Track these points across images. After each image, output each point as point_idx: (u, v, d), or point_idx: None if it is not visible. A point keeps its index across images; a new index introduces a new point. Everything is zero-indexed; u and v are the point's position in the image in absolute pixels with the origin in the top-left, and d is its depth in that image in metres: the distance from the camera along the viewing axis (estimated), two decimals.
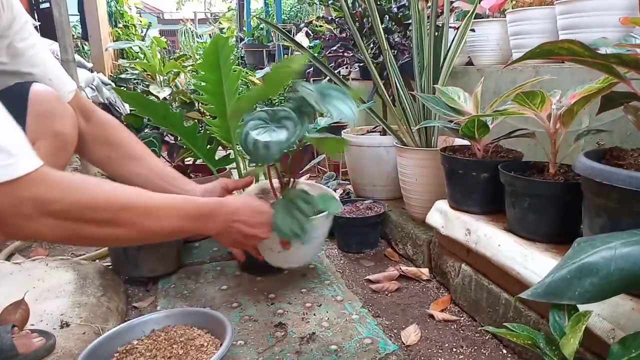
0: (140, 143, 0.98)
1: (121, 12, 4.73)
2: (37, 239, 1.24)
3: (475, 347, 0.93)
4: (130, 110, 1.35)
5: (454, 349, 0.93)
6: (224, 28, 7.01)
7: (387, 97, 1.46)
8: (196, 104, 1.56)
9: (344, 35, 1.65)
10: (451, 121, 1.11)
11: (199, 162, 1.56)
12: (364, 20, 1.58)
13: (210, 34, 7.04)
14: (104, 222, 0.61)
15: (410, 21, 1.45)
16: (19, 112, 0.79)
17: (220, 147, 1.47)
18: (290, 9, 5.74)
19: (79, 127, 0.89)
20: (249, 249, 0.84)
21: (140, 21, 5.35)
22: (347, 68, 1.88)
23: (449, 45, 1.39)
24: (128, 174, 0.94)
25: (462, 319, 1.04)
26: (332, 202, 0.83)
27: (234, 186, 0.98)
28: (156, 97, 1.56)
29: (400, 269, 1.26)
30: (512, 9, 1.46)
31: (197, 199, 0.73)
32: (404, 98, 1.40)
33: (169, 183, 0.94)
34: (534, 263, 0.82)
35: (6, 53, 0.79)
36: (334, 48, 1.68)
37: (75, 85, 0.90)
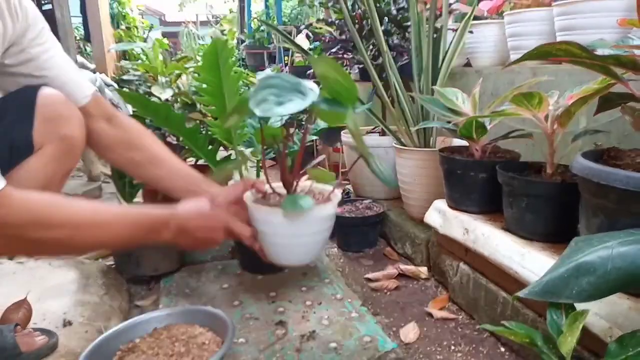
0: (163, 145, 1.00)
1: (123, 14, 4.73)
2: None
3: (474, 345, 0.94)
4: (133, 112, 1.36)
5: (452, 347, 0.93)
6: (225, 30, 7.02)
7: (386, 98, 1.47)
8: (198, 105, 1.57)
9: (343, 37, 1.66)
10: (449, 122, 1.12)
11: (200, 162, 1.57)
12: (364, 23, 1.59)
13: (211, 36, 7.05)
14: (62, 239, 0.65)
15: (409, 23, 1.46)
16: (27, 115, 0.80)
17: (221, 148, 1.48)
18: (291, 11, 5.75)
19: (101, 130, 0.91)
20: (205, 249, 0.86)
21: (143, 23, 5.36)
22: (347, 69, 1.89)
23: (447, 46, 1.40)
24: (153, 177, 0.96)
25: (461, 317, 1.05)
26: (303, 199, 0.84)
27: (255, 187, 0.99)
28: (158, 98, 1.57)
29: (399, 267, 1.26)
30: (510, 10, 1.47)
31: (150, 211, 0.76)
32: (402, 99, 1.41)
33: (193, 184, 0.96)
34: (531, 262, 0.83)
35: (19, 58, 0.80)
36: (334, 50, 1.69)
37: (93, 89, 0.90)
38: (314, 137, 1.52)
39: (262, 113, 0.59)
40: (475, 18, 1.58)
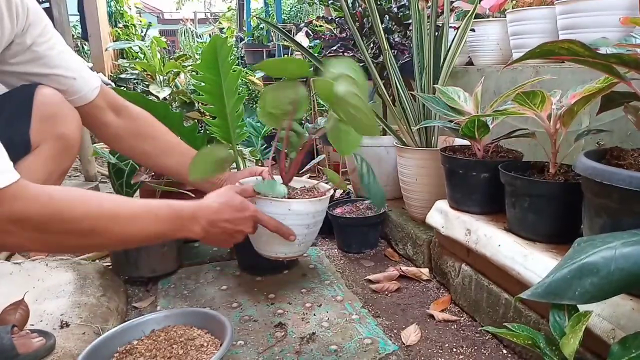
0: (173, 134, 1.00)
1: (121, 12, 4.72)
2: (21, 252, 1.25)
3: (476, 347, 0.93)
4: None
5: (454, 349, 0.93)
6: (223, 28, 7.01)
7: (387, 97, 1.46)
8: (196, 104, 1.56)
9: (344, 35, 1.65)
10: (451, 121, 1.11)
11: None
12: (364, 20, 1.58)
13: (210, 34, 7.04)
14: (84, 233, 0.62)
15: (410, 21, 1.45)
16: (24, 114, 0.79)
17: None
18: (290, 8, 5.74)
19: (110, 122, 0.91)
20: (231, 244, 0.83)
21: (140, 21, 5.35)
22: None
23: (449, 45, 1.39)
24: (164, 166, 0.97)
25: (462, 319, 1.04)
26: (275, 185, 0.85)
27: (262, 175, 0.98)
28: (156, 97, 1.56)
29: (400, 269, 1.26)
30: (512, 8, 1.46)
31: (177, 204, 0.73)
32: (404, 98, 1.40)
33: None
34: (534, 263, 0.82)
35: (26, 56, 0.79)
36: (334, 48, 1.68)
37: (99, 82, 0.90)
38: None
39: None
40: (477, 16, 1.57)
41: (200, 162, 0.84)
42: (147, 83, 1.63)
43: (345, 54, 1.65)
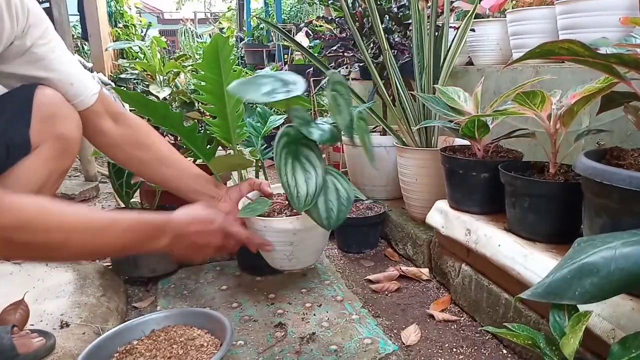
0: (169, 145, 1.00)
1: (121, 12, 4.72)
2: None
3: (476, 347, 0.93)
4: (130, 110, 1.35)
5: (454, 349, 0.93)
6: (224, 28, 7.01)
7: (387, 97, 1.46)
8: (196, 104, 1.56)
9: (344, 35, 1.65)
10: (451, 121, 1.11)
11: (198, 162, 1.56)
12: (364, 20, 1.58)
13: (210, 34, 7.04)
14: (51, 244, 0.63)
15: (410, 21, 1.45)
16: (24, 114, 0.79)
17: (220, 147, 1.47)
18: (290, 8, 5.74)
19: (107, 129, 0.91)
20: (200, 258, 0.85)
21: (140, 21, 5.35)
22: (347, 68, 1.88)
23: (449, 45, 1.39)
24: (160, 176, 0.96)
25: (462, 319, 1.04)
26: (258, 205, 0.88)
27: (260, 189, 1.00)
28: (156, 97, 1.56)
29: (400, 269, 1.26)
30: (512, 8, 1.46)
31: (146, 217, 0.75)
32: (404, 98, 1.40)
33: (200, 185, 0.96)
34: (534, 263, 0.82)
35: (25, 59, 0.79)
36: (334, 48, 1.68)
37: (98, 88, 0.90)
38: None
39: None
40: (477, 16, 1.57)
41: (218, 165, 0.96)
42: (147, 83, 1.63)
43: (345, 54, 1.65)
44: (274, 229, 0.87)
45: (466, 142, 1.14)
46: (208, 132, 1.31)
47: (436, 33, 1.35)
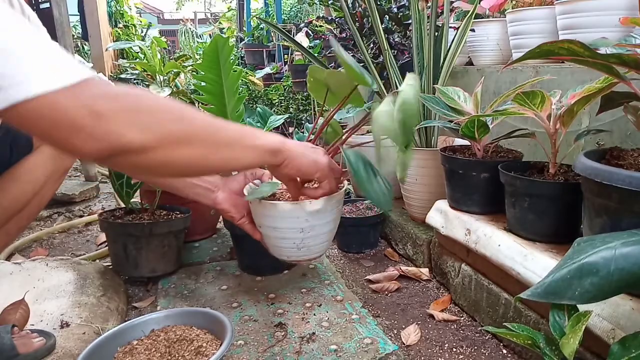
0: None
1: (121, 12, 4.72)
2: (118, 149, 1.19)
3: (475, 347, 0.93)
4: None
5: (454, 349, 0.93)
6: (224, 28, 7.01)
7: None
8: (196, 104, 1.56)
9: (344, 35, 1.65)
10: (451, 121, 1.11)
11: None
12: (364, 21, 1.58)
13: (210, 34, 7.04)
14: (185, 138, 0.55)
15: (410, 21, 1.45)
16: None
17: None
18: (290, 9, 5.74)
19: None
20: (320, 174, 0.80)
21: (141, 21, 5.35)
22: None
23: (448, 45, 1.39)
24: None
25: (462, 319, 1.04)
26: (266, 187, 0.87)
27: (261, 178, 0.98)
28: None
29: (400, 269, 1.26)
30: (512, 9, 1.46)
31: (265, 134, 0.71)
32: None
33: (198, 178, 0.93)
34: (533, 263, 0.82)
35: None
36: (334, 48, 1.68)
37: None
38: None
39: None
40: (477, 16, 1.57)
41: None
42: (147, 83, 1.63)
43: None
44: (285, 212, 0.82)
45: (466, 142, 1.14)
46: None
47: (436, 33, 1.35)
